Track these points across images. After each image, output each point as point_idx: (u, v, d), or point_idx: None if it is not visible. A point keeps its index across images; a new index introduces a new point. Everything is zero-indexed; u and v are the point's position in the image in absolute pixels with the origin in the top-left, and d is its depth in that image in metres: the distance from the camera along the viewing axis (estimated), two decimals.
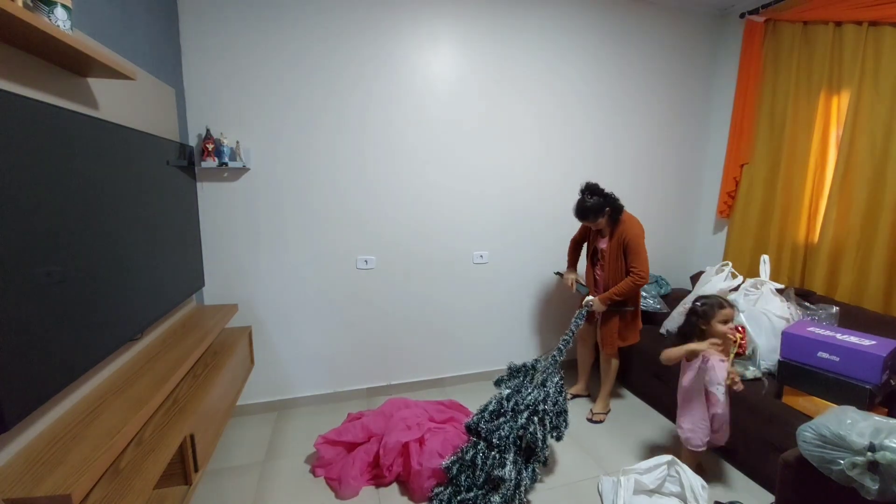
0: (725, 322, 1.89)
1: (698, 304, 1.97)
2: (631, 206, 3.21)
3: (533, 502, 1.94)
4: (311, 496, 1.98)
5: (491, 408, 2.03)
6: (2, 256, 0.99)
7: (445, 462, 1.90)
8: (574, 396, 2.84)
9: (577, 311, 2.46)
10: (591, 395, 2.85)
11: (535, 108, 2.87)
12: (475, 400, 2.75)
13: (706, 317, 1.91)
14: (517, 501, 1.82)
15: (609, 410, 2.70)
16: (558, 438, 2.01)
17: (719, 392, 1.83)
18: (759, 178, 2.94)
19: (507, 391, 2.09)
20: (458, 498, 1.81)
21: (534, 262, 3.06)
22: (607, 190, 2.40)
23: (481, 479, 1.81)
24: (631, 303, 2.50)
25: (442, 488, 1.87)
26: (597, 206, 2.36)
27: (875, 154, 2.37)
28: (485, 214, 2.88)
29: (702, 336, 1.92)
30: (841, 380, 1.82)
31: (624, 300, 2.44)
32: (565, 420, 2.05)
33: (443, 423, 2.28)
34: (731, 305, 1.96)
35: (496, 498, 1.78)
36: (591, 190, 2.38)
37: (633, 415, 2.69)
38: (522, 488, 1.84)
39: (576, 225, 3.14)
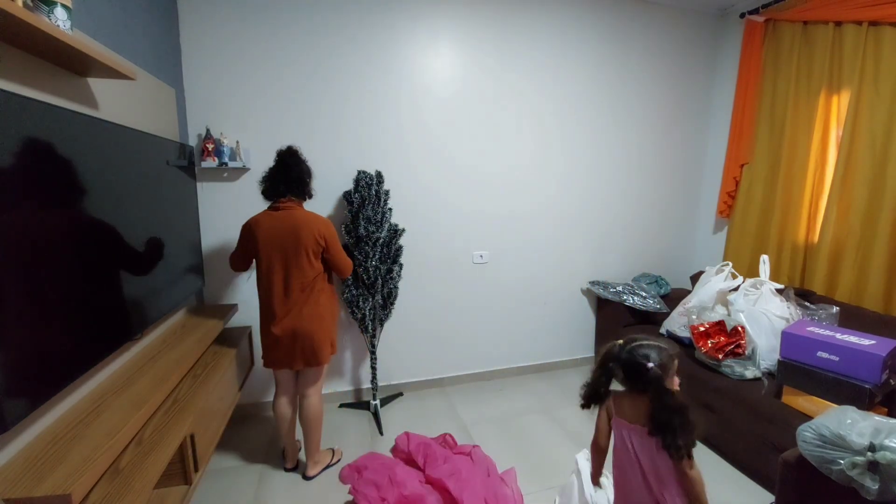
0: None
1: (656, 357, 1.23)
2: (630, 205, 3.24)
3: (533, 502, 1.94)
4: (311, 496, 1.98)
5: None
6: (1, 257, 0.99)
7: None
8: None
9: None
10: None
11: (534, 107, 2.87)
12: (475, 400, 2.79)
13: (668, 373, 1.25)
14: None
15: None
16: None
17: None
18: (759, 178, 2.94)
19: None
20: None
21: (533, 261, 3.06)
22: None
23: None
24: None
25: None
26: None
27: (875, 154, 2.37)
28: (484, 214, 2.88)
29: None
30: (840, 379, 1.82)
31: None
32: None
33: None
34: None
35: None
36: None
37: None
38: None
39: (576, 223, 3.15)
